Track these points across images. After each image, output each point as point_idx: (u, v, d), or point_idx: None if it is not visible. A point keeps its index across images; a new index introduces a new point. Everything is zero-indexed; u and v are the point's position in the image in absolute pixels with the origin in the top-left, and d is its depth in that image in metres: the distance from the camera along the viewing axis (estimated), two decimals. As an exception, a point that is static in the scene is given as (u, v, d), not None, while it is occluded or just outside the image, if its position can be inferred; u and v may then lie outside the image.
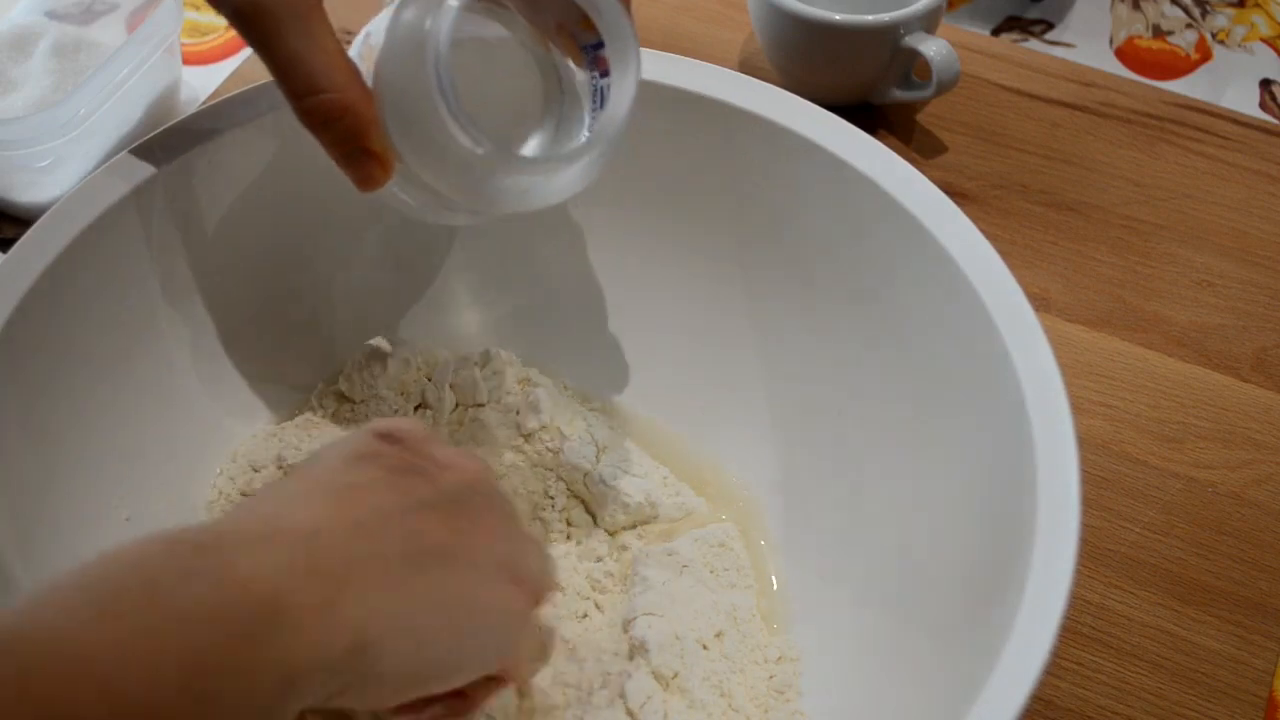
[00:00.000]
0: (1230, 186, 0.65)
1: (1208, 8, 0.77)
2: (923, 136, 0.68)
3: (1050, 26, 0.77)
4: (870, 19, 0.63)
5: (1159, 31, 0.76)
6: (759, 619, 0.47)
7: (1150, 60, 0.75)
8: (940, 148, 0.67)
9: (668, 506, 0.50)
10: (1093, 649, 0.49)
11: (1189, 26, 0.76)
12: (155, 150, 0.47)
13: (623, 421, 0.54)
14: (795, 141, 0.48)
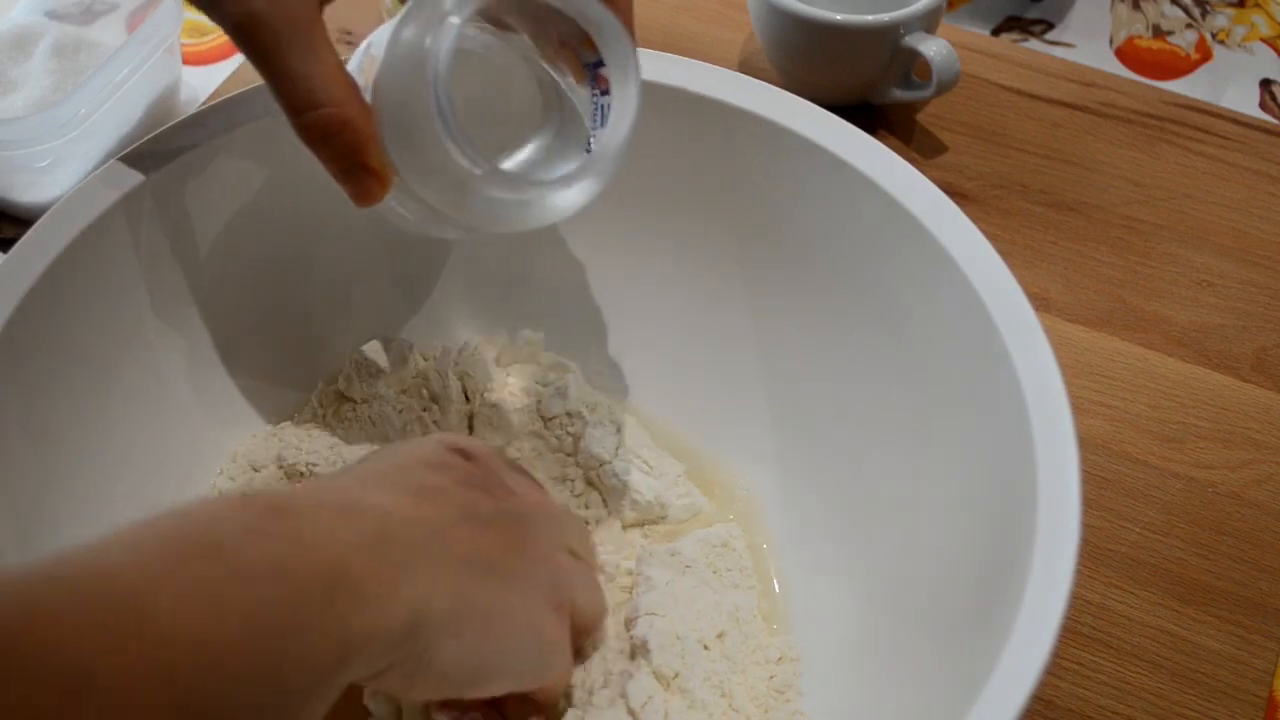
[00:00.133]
0: (1230, 186, 0.65)
1: (1208, 8, 0.77)
2: (923, 136, 0.68)
3: (1050, 26, 0.77)
4: (870, 19, 0.63)
5: (1159, 31, 0.76)
6: (760, 619, 0.47)
7: (1150, 60, 0.75)
8: (940, 148, 0.67)
9: (676, 508, 0.50)
10: (1093, 649, 0.49)
11: (1189, 26, 0.77)
12: (155, 151, 0.47)
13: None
14: (795, 141, 0.48)
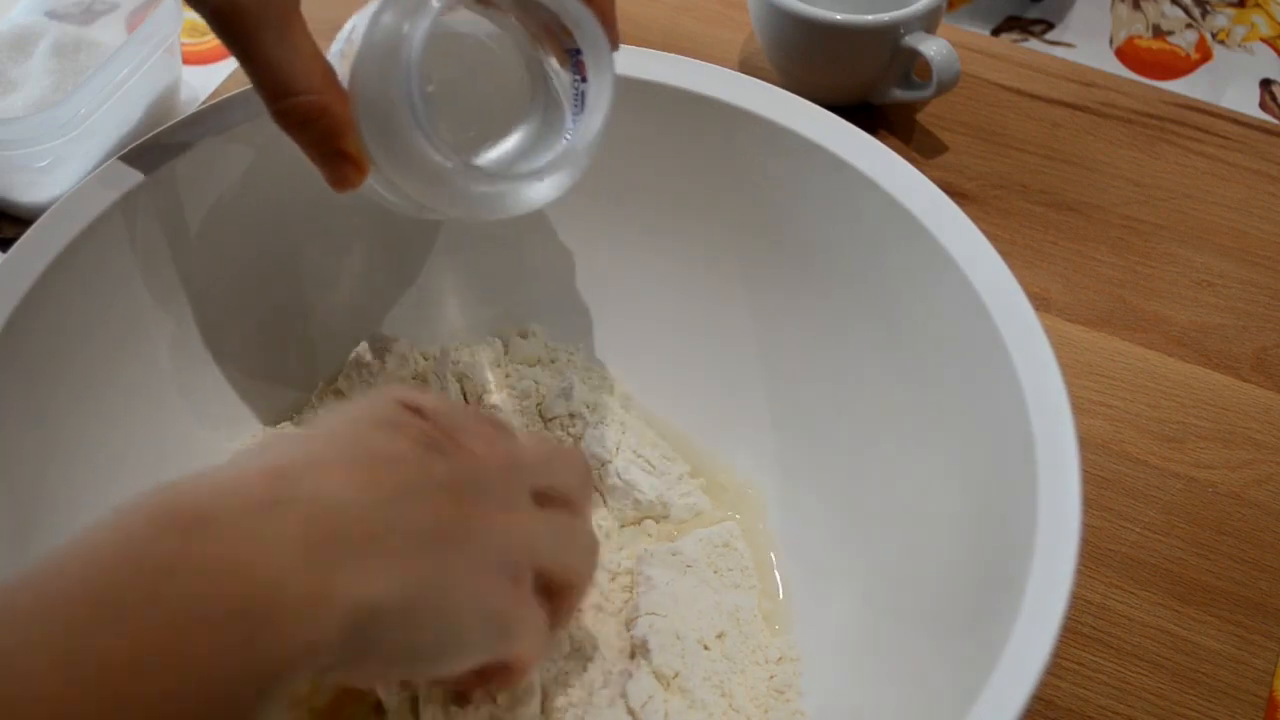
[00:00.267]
0: (1230, 186, 0.65)
1: (1208, 8, 0.77)
2: (923, 136, 0.68)
3: (1050, 26, 0.77)
4: (870, 19, 0.63)
5: (1159, 31, 0.76)
6: (760, 619, 0.47)
7: (1150, 60, 0.75)
8: (940, 148, 0.67)
9: (679, 507, 0.50)
10: (1093, 649, 0.49)
11: (1189, 26, 0.76)
12: (155, 151, 0.47)
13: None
14: (795, 141, 0.48)
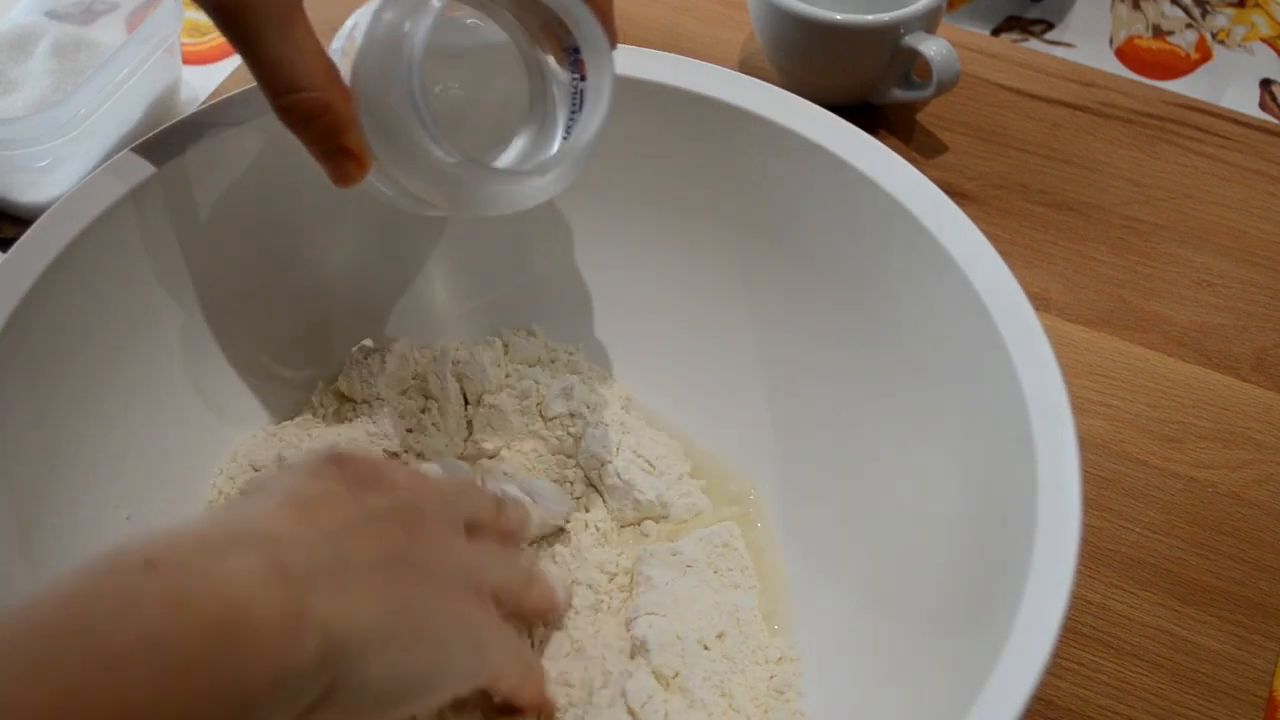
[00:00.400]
0: (1230, 186, 0.65)
1: (1208, 8, 0.77)
2: (923, 136, 0.68)
3: (1050, 26, 0.77)
4: (870, 19, 0.63)
5: (1159, 31, 0.76)
6: (760, 619, 0.47)
7: (1150, 60, 0.75)
8: (940, 148, 0.67)
9: (678, 508, 0.50)
10: (1093, 649, 0.49)
11: (1189, 26, 0.76)
12: (154, 151, 0.47)
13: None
14: (795, 141, 0.48)
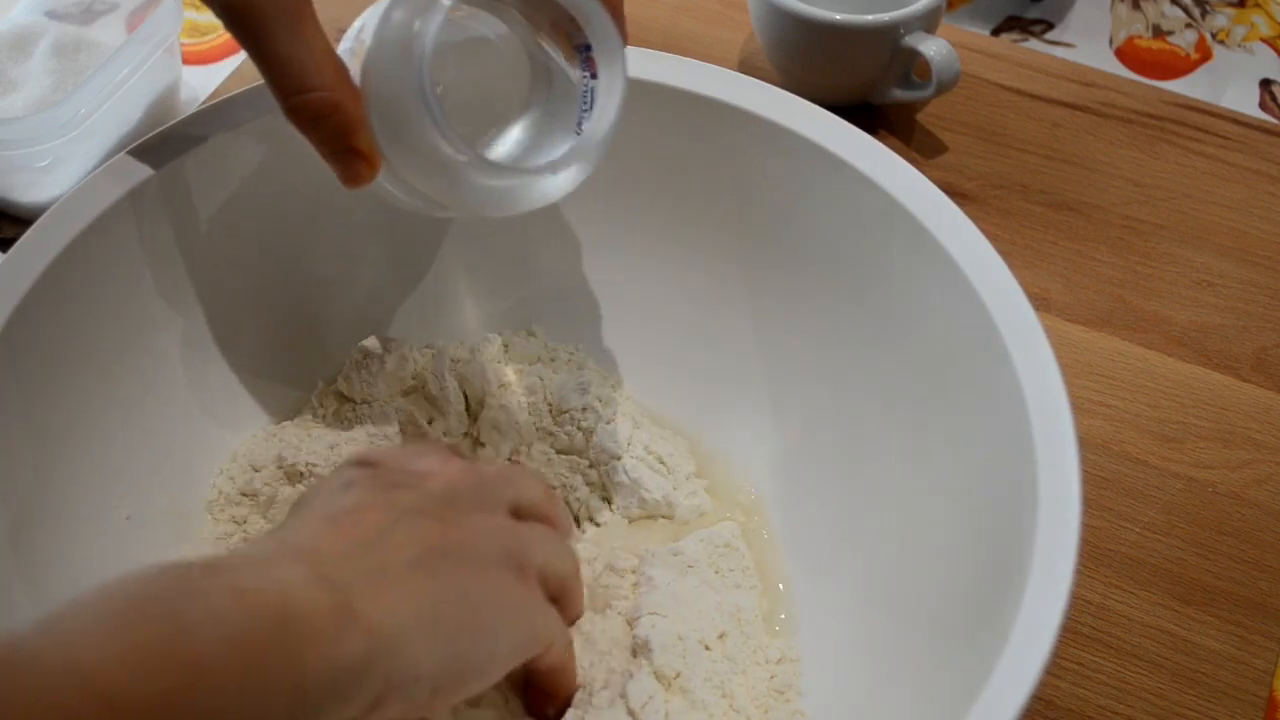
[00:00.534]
0: (1230, 186, 0.65)
1: (1208, 8, 0.77)
2: (923, 136, 0.68)
3: (1050, 26, 0.77)
4: (870, 19, 0.63)
5: (1159, 31, 0.76)
6: (761, 620, 0.47)
7: (1150, 60, 0.75)
8: (940, 148, 0.67)
9: (684, 508, 0.50)
10: (1093, 649, 0.49)
11: (1189, 26, 0.76)
12: (154, 151, 0.47)
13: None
14: (795, 141, 0.48)
